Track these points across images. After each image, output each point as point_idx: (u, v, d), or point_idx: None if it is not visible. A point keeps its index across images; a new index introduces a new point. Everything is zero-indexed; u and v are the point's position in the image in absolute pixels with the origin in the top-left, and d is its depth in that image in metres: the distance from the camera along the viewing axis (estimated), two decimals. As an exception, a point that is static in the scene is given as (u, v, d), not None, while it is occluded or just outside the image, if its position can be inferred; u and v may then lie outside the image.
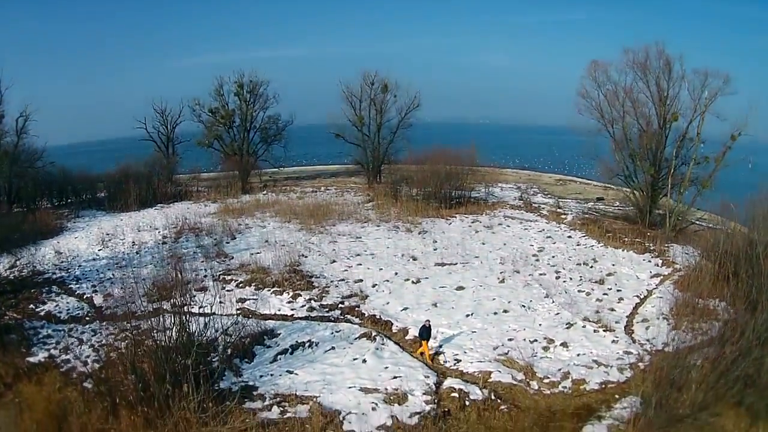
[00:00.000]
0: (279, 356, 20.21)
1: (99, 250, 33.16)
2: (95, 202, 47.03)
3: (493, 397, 17.58)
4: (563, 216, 38.98)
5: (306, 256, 29.98)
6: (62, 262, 31.30)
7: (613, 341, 21.25)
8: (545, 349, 20.71)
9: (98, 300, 25.56)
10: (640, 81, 36.98)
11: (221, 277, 27.39)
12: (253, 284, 26.45)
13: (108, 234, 35.59)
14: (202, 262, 29.59)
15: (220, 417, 15.95)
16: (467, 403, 17.28)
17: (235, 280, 26.97)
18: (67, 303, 25.79)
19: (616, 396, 17.89)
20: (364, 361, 19.47)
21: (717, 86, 34.48)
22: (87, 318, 24.06)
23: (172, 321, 18.22)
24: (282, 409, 16.90)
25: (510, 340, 21.07)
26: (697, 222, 38.24)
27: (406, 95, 49.63)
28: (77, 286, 27.78)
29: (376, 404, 16.95)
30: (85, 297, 26.38)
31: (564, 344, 20.99)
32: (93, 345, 21.44)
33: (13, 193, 44.12)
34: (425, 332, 19.91)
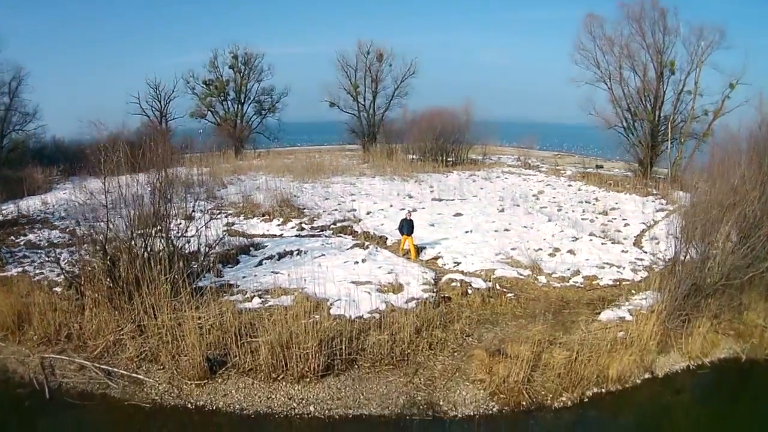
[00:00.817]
0: (264, 261, 18.75)
1: (87, 199, 31.72)
2: (86, 169, 45.65)
3: (498, 287, 16.16)
4: (562, 172, 37.79)
5: (298, 196, 28.51)
6: (48, 209, 29.98)
7: (623, 251, 19.94)
8: (551, 255, 19.34)
9: (81, 231, 24.15)
10: (636, 35, 36.01)
11: (210, 211, 25.90)
12: (242, 215, 25.01)
13: (97, 189, 34.08)
14: (191, 203, 28.11)
15: (192, 302, 14.40)
16: (470, 291, 15.84)
17: (224, 212, 25.53)
18: (50, 234, 24.41)
19: (633, 291, 16.51)
20: (356, 262, 18.01)
21: (712, 37, 33.67)
22: (68, 244, 22.67)
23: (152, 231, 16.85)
24: (263, 300, 15.36)
25: (513, 249, 19.68)
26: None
27: (402, 63, 48.49)
28: (61, 222, 26.36)
29: (369, 292, 15.49)
30: (68, 230, 24.97)
31: (571, 251, 19.65)
32: (70, 261, 19.98)
33: (3, 158, 42.81)
34: (407, 225, 18.49)
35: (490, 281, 16.47)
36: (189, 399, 12.03)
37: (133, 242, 16.05)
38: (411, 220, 18.77)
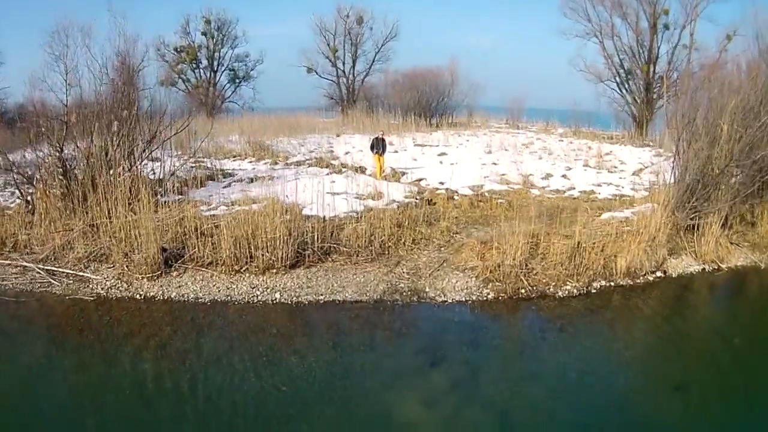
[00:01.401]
0: (233, 184, 17.13)
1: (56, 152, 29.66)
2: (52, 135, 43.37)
3: (486, 195, 14.76)
4: (552, 131, 36.62)
5: (272, 146, 26.83)
6: (9, 165, 27.90)
7: (620, 178, 18.68)
8: (544, 179, 17.99)
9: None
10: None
11: (178, 155, 24.12)
12: (212, 157, 23.27)
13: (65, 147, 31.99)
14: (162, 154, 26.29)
15: (151, 204, 12.73)
16: (456, 197, 14.41)
17: (193, 158, 23.73)
18: (13, 178, 22.56)
19: (634, 204, 15.22)
20: (333, 182, 16.47)
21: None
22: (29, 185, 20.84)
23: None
24: (230, 208, 13.76)
25: (503, 175, 18.29)
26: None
27: (383, 26, 46.79)
28: (21, 169, 24.36)
29: (346, 199, 14.00)
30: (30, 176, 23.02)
31: (564, 176, 18.33)
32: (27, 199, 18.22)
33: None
34: (379, 144, 17.00)
35: (479, 192, 15.05)
36: (138, 291, 10.44)
37: (92, 147, 14.53)
38: (383, 139, 17.33)
